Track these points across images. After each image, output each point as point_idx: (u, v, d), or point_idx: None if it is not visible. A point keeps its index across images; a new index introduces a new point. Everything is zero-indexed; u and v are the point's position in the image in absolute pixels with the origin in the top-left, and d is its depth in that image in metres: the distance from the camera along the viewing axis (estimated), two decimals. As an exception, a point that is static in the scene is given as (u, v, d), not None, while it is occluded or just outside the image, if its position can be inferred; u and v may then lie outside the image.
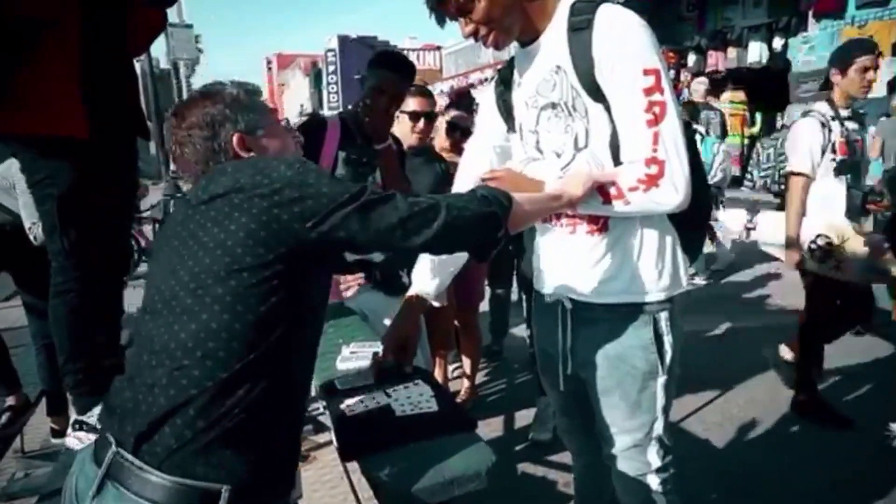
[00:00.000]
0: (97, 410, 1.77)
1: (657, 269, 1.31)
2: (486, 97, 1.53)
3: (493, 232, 1.08)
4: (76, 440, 1.75)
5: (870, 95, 6.78)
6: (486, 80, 15.48)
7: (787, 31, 7.95)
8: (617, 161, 1.26)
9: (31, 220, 2.59)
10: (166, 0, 1.78)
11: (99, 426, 1.22)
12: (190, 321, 0.98)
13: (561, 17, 1.28)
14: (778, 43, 8.09)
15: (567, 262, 1.38)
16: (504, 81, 1.45)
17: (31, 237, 2.61)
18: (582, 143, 1.28)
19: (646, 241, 1.31)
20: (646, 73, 1.18)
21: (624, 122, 1.22)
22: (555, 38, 1.28)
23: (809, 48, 7.19)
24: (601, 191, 1.24)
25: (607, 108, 1.23)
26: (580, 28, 1.23)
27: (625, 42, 1.19)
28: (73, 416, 1.84)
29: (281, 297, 1.00)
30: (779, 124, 8.87)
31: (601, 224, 1.31)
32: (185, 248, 1.03)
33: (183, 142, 1.15)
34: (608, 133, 1.25)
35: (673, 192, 1.21)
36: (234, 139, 1.14)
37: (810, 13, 7.45)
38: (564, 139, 1.31)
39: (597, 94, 1.23)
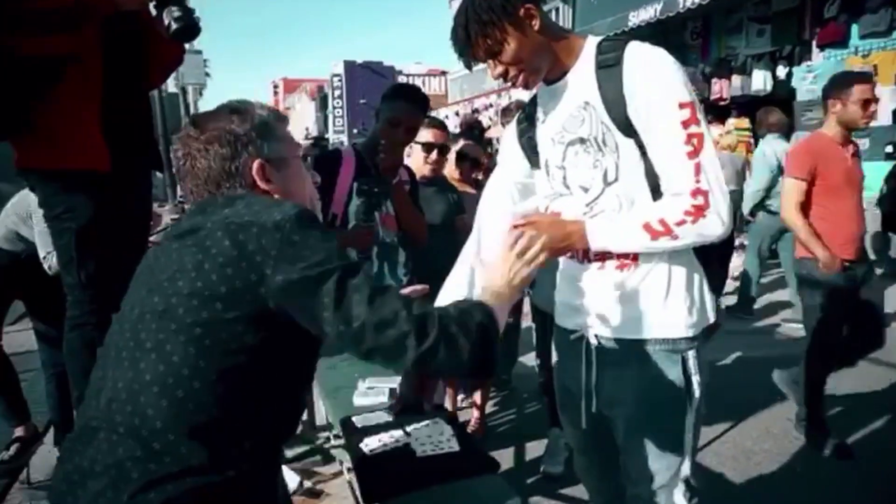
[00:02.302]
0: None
1: (686, 305, 1.31)
2: (507, 135, 1.54)
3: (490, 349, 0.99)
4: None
5: (873, 124, 6.84)
6: (490, 105, 15.60)
7: (791, 60, 8.01)
8: (656, 194, 1.26)
9: (46, 250, 2.59)
10: (188, 34, 1.79)
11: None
12: (132, 379, 0.93)
13: (588, 55, 1.30)
14: (782, 71, 8.14)
15: (595, 298, 1.37)
16: (527, 119, 1.46)
17: (46, 266, 2.60)
18: (612, 177, 1.29)
19: (674, 277, 1.30)
20: (681, 106, 1.19)
21: (664, 155, 1.23)
22: (582, 75, 1.30)
23: (814, 77, 7.23)
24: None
25: (639, 143, 1.24)
26: (609, 65, 1.24)
27: (658, 78, 1.21)
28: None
29: (242, 366, 0.92)
30: (783, 151, 8.91)
31: (632, 258, 1.31)
32: (147, 286, 0.98)
33: (197, 154, 1.05)
34: (641, 167, 1.26)
35: (719, 223, 1.21)
36: (255, 165, 1.05)
37: (814, 42, 7.52)
38: (593, 174, 1.31)
39: (628, 129, 1.24)
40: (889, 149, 6.43)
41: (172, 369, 0.90)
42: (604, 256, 1.33)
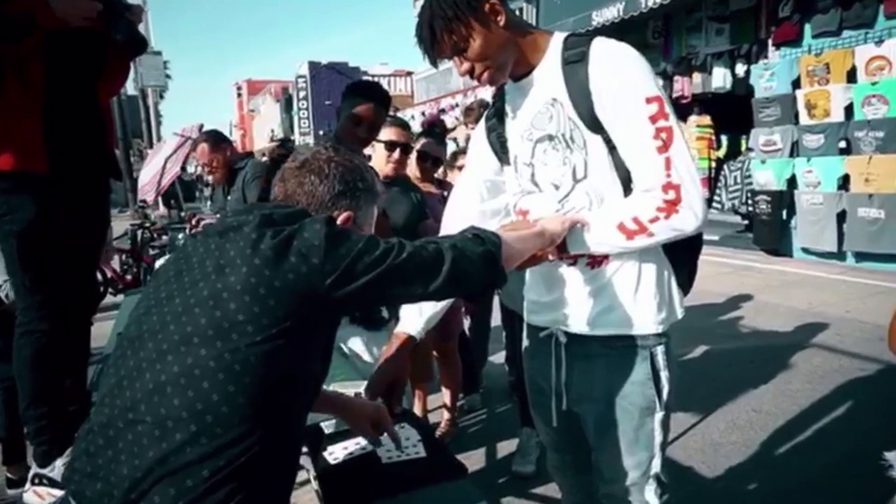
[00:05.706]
0: (59, 463, 1.67)
1: (655, 301, 1.29)
2: (476, 132, 1.51)
3: (493, 271, 1.07)
4: (35, 496, 1.64)
5: (827, 120, 6.98)
6: (456, 105, 15.59)
7: (749, 58, 8.20)
8: (627, 190, 1.24)
9: (3, 278, 2.45)
10: (133, 49, 1.79)
11: (64, 482, 1.13)
12: (179, 373, 0.91)
13: (554, 50, 1.27)
14: (740, 69, 8.32)
15: (565, 295, 1.35)
16: (496, 115, 1.43)
17: (3, 295, 2.46)
18: (581, 174, 1.27)
19: (644, 273, 1.29)
20: (648, 100, 1.17)
21: (633, 151, 1.21)
22: (549, 71, 1.27)
23: (770, 75, 7.40)
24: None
25: (606, 140, 1.22)
26: (575, 61, 1.22)
27: (623, 73, 1.19)
28: (33, 468, 1.73)
29: (285, 357, 0.95)
30: (743, 147, 9.10)
31: (603, 255, 1.29)
32: (189, 277, 0.97)
33: (317, 169, 1.12)
34: (609, 163, 1.24)
35: (692, 217, 1.20)
36: (345, 215, 1.12)
37: (770, 41, 7.70)
38: (563, 171, 1.29)
39: (595, 125, 1.22)
40: (843, 144, 6.61)
41: (223, 363, 0.91)
42: (576, 254, 1.31)
